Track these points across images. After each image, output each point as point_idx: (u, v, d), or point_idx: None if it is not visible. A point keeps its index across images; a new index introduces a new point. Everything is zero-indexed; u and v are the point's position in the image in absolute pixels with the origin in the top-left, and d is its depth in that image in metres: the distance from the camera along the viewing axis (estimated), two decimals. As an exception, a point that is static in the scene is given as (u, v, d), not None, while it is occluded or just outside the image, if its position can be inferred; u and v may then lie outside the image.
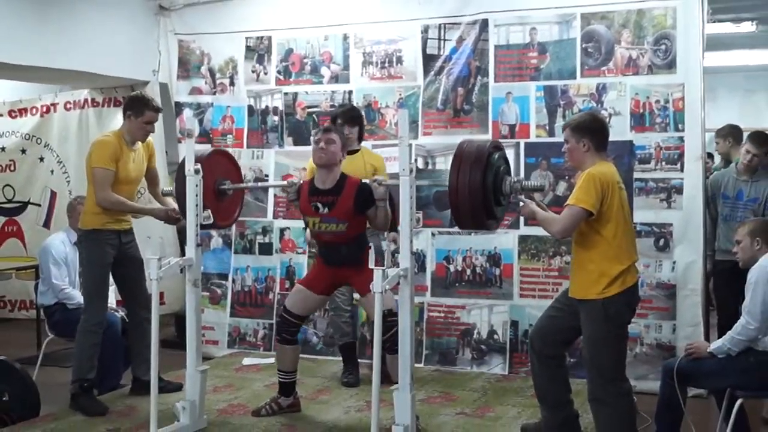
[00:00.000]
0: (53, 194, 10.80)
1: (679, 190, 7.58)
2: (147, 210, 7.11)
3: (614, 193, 5.44)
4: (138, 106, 6.94)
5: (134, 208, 7.06)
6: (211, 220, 6.43)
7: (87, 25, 8.75)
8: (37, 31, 8.26)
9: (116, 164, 6.82)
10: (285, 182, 6.70)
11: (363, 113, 7.70)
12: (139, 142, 7.05)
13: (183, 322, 6.70)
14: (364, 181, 6.30)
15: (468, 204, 5.42)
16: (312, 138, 6.46)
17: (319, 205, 6.29)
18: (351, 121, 7.33)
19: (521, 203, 5.71)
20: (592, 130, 5.60)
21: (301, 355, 8.17)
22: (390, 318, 5.94)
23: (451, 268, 8.28)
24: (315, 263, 6.74)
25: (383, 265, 5.25)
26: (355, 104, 8.19)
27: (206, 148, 8.80)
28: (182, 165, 6.51)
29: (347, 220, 6.23)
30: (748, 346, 5.68)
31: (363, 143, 7.64)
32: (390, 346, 5.96)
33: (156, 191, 7.31)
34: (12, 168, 11.06)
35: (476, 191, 5.38)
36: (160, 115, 7.00)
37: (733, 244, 6.14)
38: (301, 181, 6.56)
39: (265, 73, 9.06)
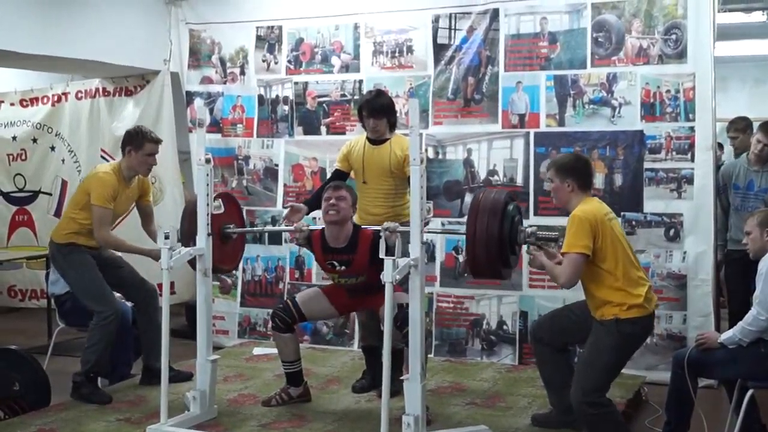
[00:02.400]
0: (64, 183, 10.78)
1: (690, 180, 7.55)
2: (146, 251, 7.00)
3: (605, 228, 5.52)
4: (137, 140, 6.90)
5: (132, 249, 7.03)
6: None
7: (98, 15, 8.74)
8: (49, 21, 8.26)
9: (114, 202, 6.86)
10: (293, 227, 6.65)
11: (389, 98, 7.15)
12: (135, 179, 7.07)
13: (193, 311, 6.68)
14: (376, 229, 6.23)
15: (485, 254, 5.47)
16: (323, 195, 6.44)
17: (335, 263, 6.38)
18: (376, 113, 6.84)
19: (531, 255, 5.81)
20: (575, 170, 5.72)
21: (311, 345, 8.21)
22: (401, 312, 5.95)
23: (461, 258, 8.24)
24: (331, 287, 6.73)
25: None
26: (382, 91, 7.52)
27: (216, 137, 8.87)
28: (190, 210, 6.51)
29: (365, 273, 6.31)
30: (759, 337, 5.66)
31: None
32: (403, 338, 5.97)
33: (150, 229, 7.27)
34: (23, 157, 11.05)
35: (493, 242, 5.43)
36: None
37: (744, 234, 6.12)
38: (310, 228, 6.58)
39: (276, 63, 9.04)
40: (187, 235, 6.40)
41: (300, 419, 6.35)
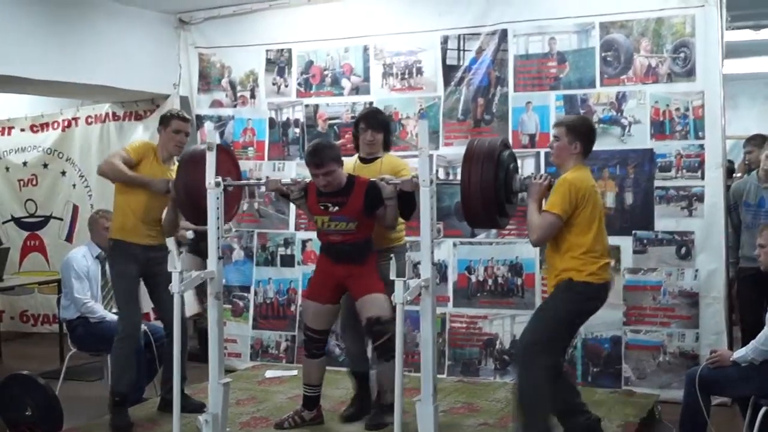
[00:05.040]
0: (75, 208, 10.85)
1: (700, 198, 7.56)
2: (146, 180, 6.80)
3: (590, 198, 5.58)
4: (165, 118, 6.95)
5: (133, 178, 6.81)
6: (232, 233, 6.39)
7: (108, 40, 8.81)
8: (59, 47, 8.33)
9: (140, 162, 6.81)
10: (289, 180, 6.56)
11: (388, 117, 7.18)
12: (174, 165, 6.95)
13: (205, 334, 6.67)
14: (372, 179, 6.21)
15: (480, 202, 5.41)
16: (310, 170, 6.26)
17: (329, 204, 6.22)
18: (376, 126, 6.73)
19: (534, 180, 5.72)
20: (585, 135, 5.74)
21: (323, 367, 8.14)
22: (377, 326, 6.04)
23: (473, 278, 8.27)
24: (315, 269, 6.64)
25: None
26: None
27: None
28: (186, 159, 6.47)
29: (357, 219, 6.17)
30: (772, 355, 5.67)
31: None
32: (380, 354, 6.08)
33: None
34: (34, 182, 11.12)
35: (488, 188, 5.38)
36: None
37: (758, 246, 6.11)
38: (307, 180, 6.41)
39: (286, 86, 9.09)
40: (182, 188, 6.37)
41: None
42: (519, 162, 7.87)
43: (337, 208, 6.20)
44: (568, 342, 5.98)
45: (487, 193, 5.39)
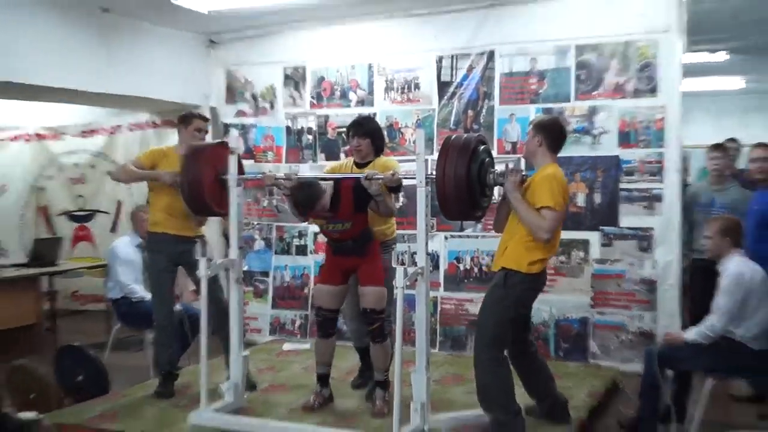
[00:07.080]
0: (119, 203, 10.93)
1: (659, 199, 7.60)
2: (154, 174, 6.70)
3: (566, 196, 5.48)
4: (187, 118, 6.88)
5: (141, 174, 6.74)
6: (249, 226, 6.33)
7: (147, 57, 8.87)
8: (104, 62, 8.37)
9: (154, 166, 6.69)
10: (282, 175, 6.28)
11: (377, 124, 6.76)
12: None
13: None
14: (357, 178, 5.96)
15: (454, 194, 5.19)
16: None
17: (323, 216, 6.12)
18: (360, 133, 6.46)
19: (511, 172, 5.42)
20: (548, 129, 5.54)
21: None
22: (371, 315, 6.06)
23: (461, 266, 8.32)
24: (325, 258, 6.49)
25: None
26: (372, 117, 7.42)
27: (249, 162, 8.89)
28: (187, 156, 6.28)
29: (350, 219, 6.06)
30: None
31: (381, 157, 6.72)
32: (372, 337, 6.12)
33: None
34: (83, 181, 11.22)
35: (462, 181, 5.15)
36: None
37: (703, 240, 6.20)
38: (299, 176, 6.30)
39: (301, 98, 9.13)
40: (186, 183, 6.20)
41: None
42: (503, 166, 7.91)
43: (330, 214, 6.04)
44: (517, 329, 5.66)
45: (460, 186, 5.17)
